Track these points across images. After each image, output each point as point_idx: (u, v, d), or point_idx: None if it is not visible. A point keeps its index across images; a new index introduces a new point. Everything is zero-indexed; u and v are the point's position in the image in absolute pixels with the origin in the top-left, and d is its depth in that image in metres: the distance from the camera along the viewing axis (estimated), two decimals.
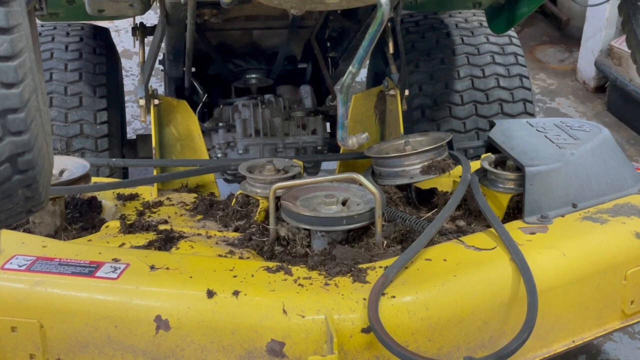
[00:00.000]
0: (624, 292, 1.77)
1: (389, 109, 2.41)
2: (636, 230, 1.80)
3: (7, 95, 1.02)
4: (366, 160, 2.15)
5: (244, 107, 2.65)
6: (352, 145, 1.59)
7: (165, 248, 1.76)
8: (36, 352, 1.53)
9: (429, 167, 1.93)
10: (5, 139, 1.04)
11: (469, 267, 1.61)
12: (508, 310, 1.59)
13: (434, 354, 1.51)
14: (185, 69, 2.64)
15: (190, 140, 2.31)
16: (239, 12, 2.44)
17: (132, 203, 2.08)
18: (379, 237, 1.72)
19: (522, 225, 1.79)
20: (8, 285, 1.55)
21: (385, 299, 1.48)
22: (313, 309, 1.46)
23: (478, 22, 3.02)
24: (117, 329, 1.50)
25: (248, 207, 1.93)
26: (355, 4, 1.48)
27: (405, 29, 3.00)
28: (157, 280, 1.54)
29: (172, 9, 2.01)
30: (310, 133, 2.67)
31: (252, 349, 1.47)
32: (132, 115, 4.60)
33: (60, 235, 1.89)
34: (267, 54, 2.86)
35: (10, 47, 1.01)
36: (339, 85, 1.54)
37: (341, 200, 1.79)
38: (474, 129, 2.75)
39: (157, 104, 2.24)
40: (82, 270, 1.57)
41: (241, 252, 1.73)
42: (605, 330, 1.79)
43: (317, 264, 1.61)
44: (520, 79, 2.84)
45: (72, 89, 2.65)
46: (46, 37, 2.84)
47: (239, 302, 1.48)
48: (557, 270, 1.68)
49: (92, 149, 2.58)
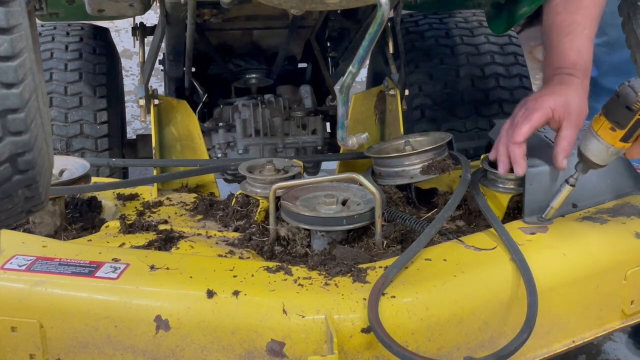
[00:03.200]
0: (624, 292, 1.77)
1: (388, 109, 2.41)
2: (636, 230, 1.80)
3: (7, 95, 1.02)
4: (366, 160, 2.15)
5: (244, 107, 2.65)
6: (352, 145, 1.59)
7: (165, 248, 1.76)
8: (36, 352, 1.53)
9: (428, 167, 1.93)
10: (5, 139, 1.04)
11: (469, 267, 1.61)
12: (508, 311, 1.59)
13: (434, 354, 1.51)
14: (185, 69, 2.64)
15: (190, 140, 2.31)
16: (239, 12, 2.44)
17: (132, 203, 2.08)
18: (379, 237, 1.72)
19: (522, 226, 1.79)
20: (8, 285, 1.55)
21: (385, 299, 1.48)
22: (313, 309, 1.46)
23: (478, 22, 3.02)
24: (117, 329, 1.50)
25: (248, 207, 1.93)
26: (355, 4, 1.48)
27: (405, 29, 3.00)
28: (157, 280, 1.54)
29: (172, 9, 2.01)
30: (310, 133, 2.67)
31: (252, 348, 1.47)
32: (132, 115, 4.61)
33: (60, 235, 1.89)
34: (267, 54, 2.86)
35: (10, 47, 1.01)
36: (339, 85, 1.54)
37: (341, 200, 1.79)
38: (474, 129, 2.75)
39: (157, 104, 2.24)
40: (82, 270, 1.57)
41: (241, 252, 1.73)
42: (605, 331, 1.79)
43: (317, 264, 1.61)
44: (520, 79, 2.84)
45: (72, 89, 2.65)
46: (46, 37, 2.84)
47: (239, 302, 1.48)
48: (557, 270, 1.68)
49: (92, 149, 2.58)
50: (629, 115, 1.56)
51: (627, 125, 1.58)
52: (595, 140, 1.65)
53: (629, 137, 1.60)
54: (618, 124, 1.59)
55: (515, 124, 1.80)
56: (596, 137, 1.64)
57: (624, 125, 1.59)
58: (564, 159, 1.77)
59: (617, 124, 1.59)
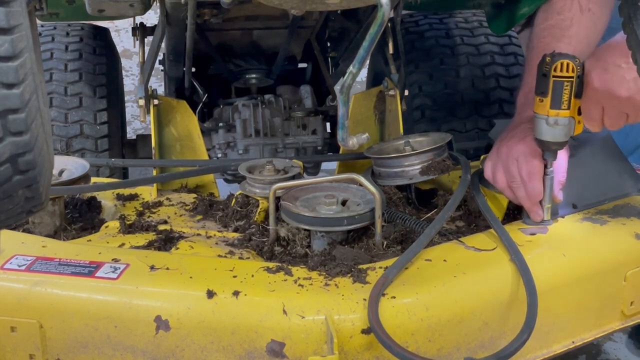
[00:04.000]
0: (623, 293, 1.77)
1: (388, 109, 2.41)
2: (636, 231, 1.80)
3: (7, 96, 1.02)
4: (366, 161, 2.15)
5: (244, 107, 2.65)
6: (353, 146, 1.59)
7: (165, 248, 1.75)
8: (36, 352, 1.53)
9: (428, 168, 1.93)
10: (5, 139, 1.04)
11: (469, 268, 1.61)
12: (508, 311, 1.59)
13: (434, 355, 1.51)
14: (185, 69, 2.63)
15: (190, 141, 2.30)
16: (239, 12, 2.44)
17: (131, 203, 2.08)
18: (379, 238, 1.72)
19: (522, 226, 1.79)
20: (8, 285, 1.55)
21: (385, 300, 1.48)
22: (313, 309, 1.46)
23: (478, 22, 3.02)
24: (117, 329, 1.50)
25: (248, 208, 1.93)
26: (356, 4, 1.48)
27: (405, 29, 2.99)
28: (157, 281, 1.54)
29: (172, 9, 2.01)
30: (310, 133, 2.67)
31: (252, 349, 1.47)
32: (132, 115, 4.61)
33: (60, 235, 1.89)
34: (267, 54, 2.86)
35: (10, 47, 1.01)
36: (340, 86, 1.54)
37: (341, 200, 1.79)
38: (474, 129, 2.75)
39: (157, 104, 2.24)
40: (82, 270, 1.57)
41: (241, 252, 1.73)
42: (605, 331, 1.79)
43: (317, 264, 1.61)
44: (520, 79, 2.84)
45: (72, 89, 2.65)
46: (46, 37, 2.83)
47: (239, 302, 1.48)
48: (557, 271, 1.68)
49: (92, 149, 2.58)
50: (546, 81, 1.64)
51: (548, 91, 1.64)
52: (536, 119, 1.69)
53: (557, 103, 1.64)
54: (543, 94, 1.65)
55: (524, 181, 1.76)
56: (536, 116, 1.69)
57: (546, 92, 1.65)
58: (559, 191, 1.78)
59: (542, 94, 1.66)
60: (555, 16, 1.94)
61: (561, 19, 1.93)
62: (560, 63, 1.61)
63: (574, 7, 1.92)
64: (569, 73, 1.62)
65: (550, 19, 1.95)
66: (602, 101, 1.62)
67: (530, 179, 1.74)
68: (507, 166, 1.78)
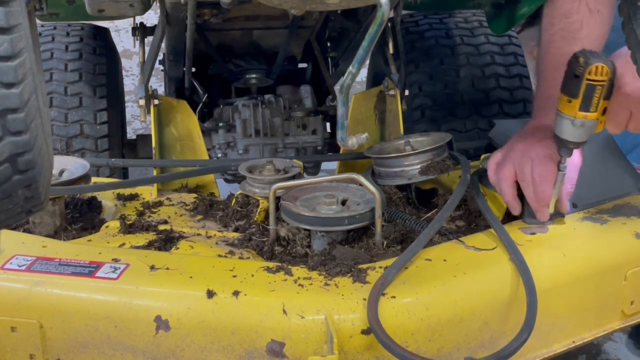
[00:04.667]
0: (623, 292, 1.77)
1: (388, 109, 2.41)
2: (636, 231, 1.80)
3: (7, 95, 1.02)
4: (366, 160, 2.15)
5: (244, 107, 2.65)
6: (352, 146, 1.59)
7: (165, 248, 1.75)
8: (36, 352, 1.53)
9: (428, 168, 1.93)
10: (5, 139, 1.04)
11: (469, 268, 1.61)
12: (508, 311, 1.59)
13: (434, 355, 1.51)
14: (185, 69, 2.63)
15: (190, 141, 2.30)
16: (239, 12, 2.44)
17: (132, 203, 2.08)
18: (379, 238, 1.72)
19: (522, 226, 1.79)
20: (8, 285, 1.55)
21: (385, 299, 1.48)
22: (313, 309, 1.46)
23: (478, 22, 3.02)
24: (117, 329, 1.50)
25: (248, 207, 1.93)
26: (356, 4, 1.48)
27: (405, 29, 2.99)
28: (157, 281, 1.54)
29: (172, 9, 2.01)
30: (310, 133, 2.67)
31: (252, 349, 1.47)
32: (132, 115, 4.60)
33: (60, 235, 1.89)
34: (267, 54, 2.86)
35: (10, 47, 1.01)
36: (339, 86, 1.54)
37: (341, 200, 1.79)
38: (474, 129, 2.75)
39: (157, 104, 2.24)
40: (82, 271, 1.57)
41: (241, 252, 1.73)
42: (605, 331, 1.79)
43: (317, 264, 1.61)
44: (520, 79, 2.84)
45: (72, 89, 2.65)
46: (46, 37, 2.83)
47: (239, 302, 1.48)
48: (556, 270, 1.68)
49: (92, 149, 2.58)
50: (577, 83, 1.59)
51: (578, 93, 1.60)
52: (560, 117, 1.66)
53: (587, 105, 1.61)
54: (572, 95, 1.61)
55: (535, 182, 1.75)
56: (560, 115, 1.66)
57: (576, 94, 1.60)
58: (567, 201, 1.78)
59: (571, 95, 1.61)
60: (563, 20, 1.92)
61: (570, 22, 1.90)
62: (596, 67, 1.56)
63: (582, 9, 1.90)
64: (603, 77, 1.57)
65: (557, 24, 1.92)
66: (631, 106, 1.60)
67: (542, 182, 1.73)
68: (521, 163, 1.76)
